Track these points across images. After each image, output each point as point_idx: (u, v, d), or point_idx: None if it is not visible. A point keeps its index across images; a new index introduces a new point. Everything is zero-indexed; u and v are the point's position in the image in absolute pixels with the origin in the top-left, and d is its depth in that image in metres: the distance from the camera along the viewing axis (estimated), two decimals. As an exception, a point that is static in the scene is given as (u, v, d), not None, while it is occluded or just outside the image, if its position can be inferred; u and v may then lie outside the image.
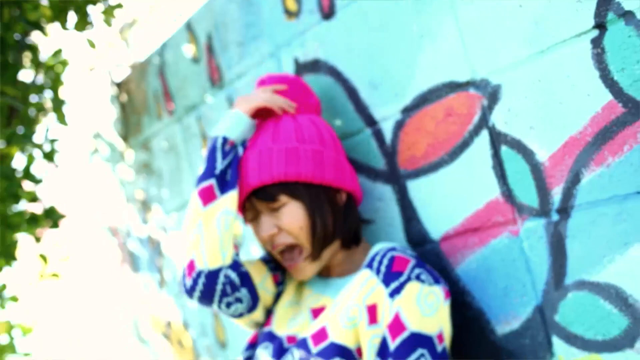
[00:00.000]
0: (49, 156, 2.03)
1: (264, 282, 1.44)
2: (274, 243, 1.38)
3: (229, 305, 1.37)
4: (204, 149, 2.15)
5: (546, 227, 1.24)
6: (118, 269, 3.00)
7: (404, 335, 1.25)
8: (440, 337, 1.27)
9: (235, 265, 1.36)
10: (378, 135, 1.52)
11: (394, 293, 1.27)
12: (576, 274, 1.20)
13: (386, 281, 1.29)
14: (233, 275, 1.35)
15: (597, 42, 1.11)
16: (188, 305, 2.45)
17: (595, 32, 1.10)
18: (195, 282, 1.33)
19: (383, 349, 1.26)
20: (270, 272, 1.47)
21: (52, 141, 2.07)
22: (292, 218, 1.35)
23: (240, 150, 1.41)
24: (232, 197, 1.36)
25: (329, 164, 1.38)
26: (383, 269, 1.30)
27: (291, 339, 1.38)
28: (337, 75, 1.59)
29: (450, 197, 1.39)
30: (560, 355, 1.25)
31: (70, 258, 2.23)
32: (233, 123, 1.42)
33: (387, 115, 1.49)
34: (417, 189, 1.45)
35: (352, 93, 1.56)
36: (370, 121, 1.53)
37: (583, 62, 1.13)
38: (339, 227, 1.38)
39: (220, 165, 1.37)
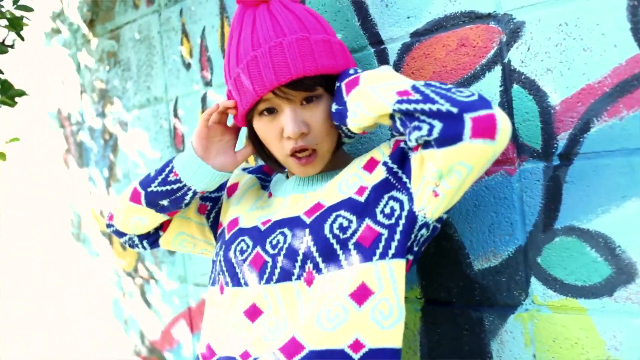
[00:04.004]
0: (15, 24, 1.87)
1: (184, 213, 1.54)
2: (296, 144, 1.28)
3: (132, 245, 1.60)
4: (183, 45, 2.05)
5: (544, 171, 1.25)
6: (61, 160, 2.88)
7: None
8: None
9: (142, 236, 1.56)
10: (381, 55, 1.48)
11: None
12: (567, 219, 1.22)
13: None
14: (136, 240, 1.57)
15: (636, -8, 1.09)
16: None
17: (637, -18, 1.09)
18: (109, 227, 1.59)
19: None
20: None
21: (20, 7, 1.90)
22: (325, 114, 1.27)
23: (190, 194, 1.42)
24: (153, 216, 1.47)
25: (340, 53, 1.31)
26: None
27: (266, 222, 1.34)
28: (346, -13, 1.52)
29: (449, 129, 1.37)
30: (536, 295, 1.29)
31: (20, 140, 2.10)
32: (185, 155, 1.40)
33: (395, 36, 1.44)
34: (414, 116, 1.43)
35: (360, 8, 1.50)
36: (376, 40, 1.48)
37: (617, 12, 1.12)
38: None
39: (154, 187, 1.42)
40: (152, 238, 1.56)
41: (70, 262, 2.97)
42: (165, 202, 1.43)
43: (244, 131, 1.42)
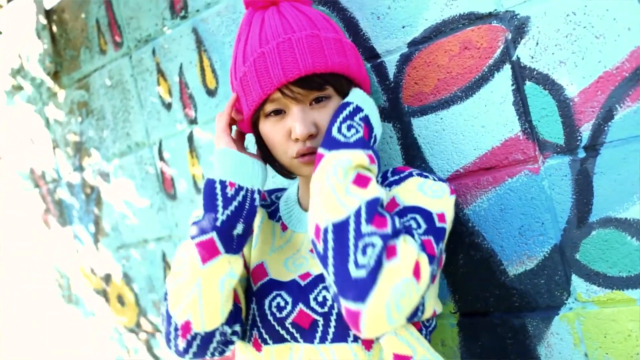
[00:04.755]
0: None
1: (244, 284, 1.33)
2: (304, 146, 1.20)
3: (222, 352, 1.29)
4: (161, 86, 1.97)
5: (571, 165, 1.21)
6: (41, 221, 2.76)
7: (396, 210, 1.15)
8: (442, 217, 1.16)
9: (230, 317, 1.25)
10: (380, 69, 1.43)
11: (393, 184, 1.20)
12: (602, 211, 1.19)
13: (385, 180, 1.23)
14: (228, 330, 1.25)
15: (645, -28, 1.07)
16: (133, 256, 2.29)
17: (645, -39, 1.07)
18: (189, 344, 1.23)
19: None
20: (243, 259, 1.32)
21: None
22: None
23: (257, 198, 1.24)
24: (238, 260, 1.22)
25: (352, 53, 1.26)
26: (389, 176, 1.23)
27: (305, 276, 1.25)
28: (332, 5, 1.48)
29: (462, 135, 1.34)
30: (579, 292, 1.25)
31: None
32: (224, 162, 1.23)
33: (391, 48, 1.40)
34: (423, 126, 1.39)
35: (350, 24, 1.46)
36: (371, 55, 1.44)
37: (625, -7, 1.10)
38: None
39: (221, 215, 1.19)
40: (236, 313, 1.27)
41: (65, 326, 2.84)
42: (240, 229, 1.21)
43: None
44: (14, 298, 3.18)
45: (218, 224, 1.19)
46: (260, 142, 1.29)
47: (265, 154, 1.30)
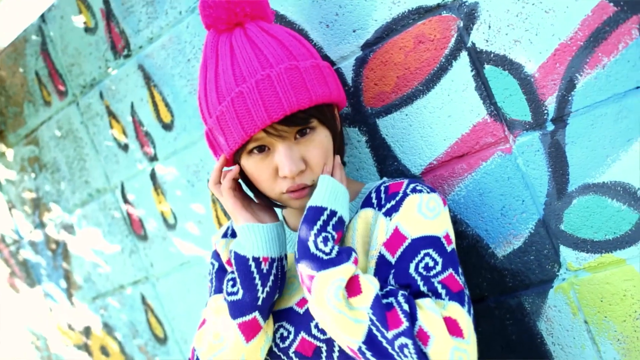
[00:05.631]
0: None
1: None
2: (294, 183, 1.18)
3: None
4: (114, 128, 1.93)
5: (542, 139, 1.23)
6: (7, 286, 2.67)
7: (405, 244, 1.15)
8: (448, 238, 1.17)
9: None
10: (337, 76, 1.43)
11: (392, 211, 1.18)
12: (580, 179, 1.21)
13: (380, 205, 1.21)
14: None
15: (583, -58, 1.10)
16: (111, 304, 2.23)
17: None
18: None
19: (381, 266, 1.16)
20: None
21: None
22: (321, 147, 1.18)
23: (286, 262, 1.24)
24: (270, 322, 1.24)
25: (331, 78, 1.24)
26: (383, 197, 1.22)
27: (302, 303, 1.25)
28: (280, 19, 1.48)
29: (429, 128, 1.35)
30: (569, 262, 1.27)
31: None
32: (250, 238, 1.20)
33: (345, 53, 1.41)
34: (389, 125, 1.39)
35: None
36: (326, 63, 1.44)
37: (566, -35, 1.13)
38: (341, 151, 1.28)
39: (262, 294, 1.19)
40: None
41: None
42: (276, 297, 1.23)
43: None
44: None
45: (259, 303, 1.20)
46: (243, 174, 1.26)
47: (249, 185, 1.28)
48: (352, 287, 1.11)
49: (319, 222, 1.15)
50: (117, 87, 1.87)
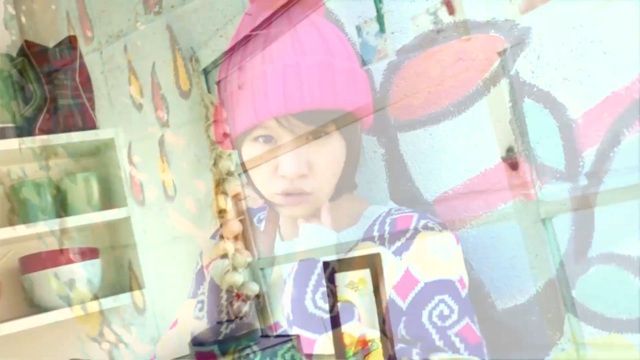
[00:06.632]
0: None
1: None
2: (292, 185, 1.08)
3: None
4: (133, 85, 1.86)
5: (572, 192, 1.10)
6: (5, 219, 2.63)
7: (417, 288, 1.04)
8: (462, 282, 1.07)
9: None
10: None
11: (403, 250, 1.07)
12: (604, 245, 1.09)
13: (384, 241, 1.10)
14: None
15: (663, -16, 0.97)
16: (98, 263, 2.17)
17: (663, -28, 0.97)
18: None
19: (391, 313, 1.05)
20: None
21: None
22: (332, 156, 1.07)
23: None
24: None
25: (363, 88, 1.12)
26: (386, 234, 1.11)
27: None
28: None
29: (452, 154, 1.23)
30: (573, 332, 1.14)
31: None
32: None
33: (379, 55, 1.29)
34: (410, 142, 1.28)
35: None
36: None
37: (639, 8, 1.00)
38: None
39: (315, 310, 1.12)
40: None
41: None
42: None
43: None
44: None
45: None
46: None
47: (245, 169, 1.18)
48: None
49: (314, 278, 1.10)
50: (143, 43, 1.79)
